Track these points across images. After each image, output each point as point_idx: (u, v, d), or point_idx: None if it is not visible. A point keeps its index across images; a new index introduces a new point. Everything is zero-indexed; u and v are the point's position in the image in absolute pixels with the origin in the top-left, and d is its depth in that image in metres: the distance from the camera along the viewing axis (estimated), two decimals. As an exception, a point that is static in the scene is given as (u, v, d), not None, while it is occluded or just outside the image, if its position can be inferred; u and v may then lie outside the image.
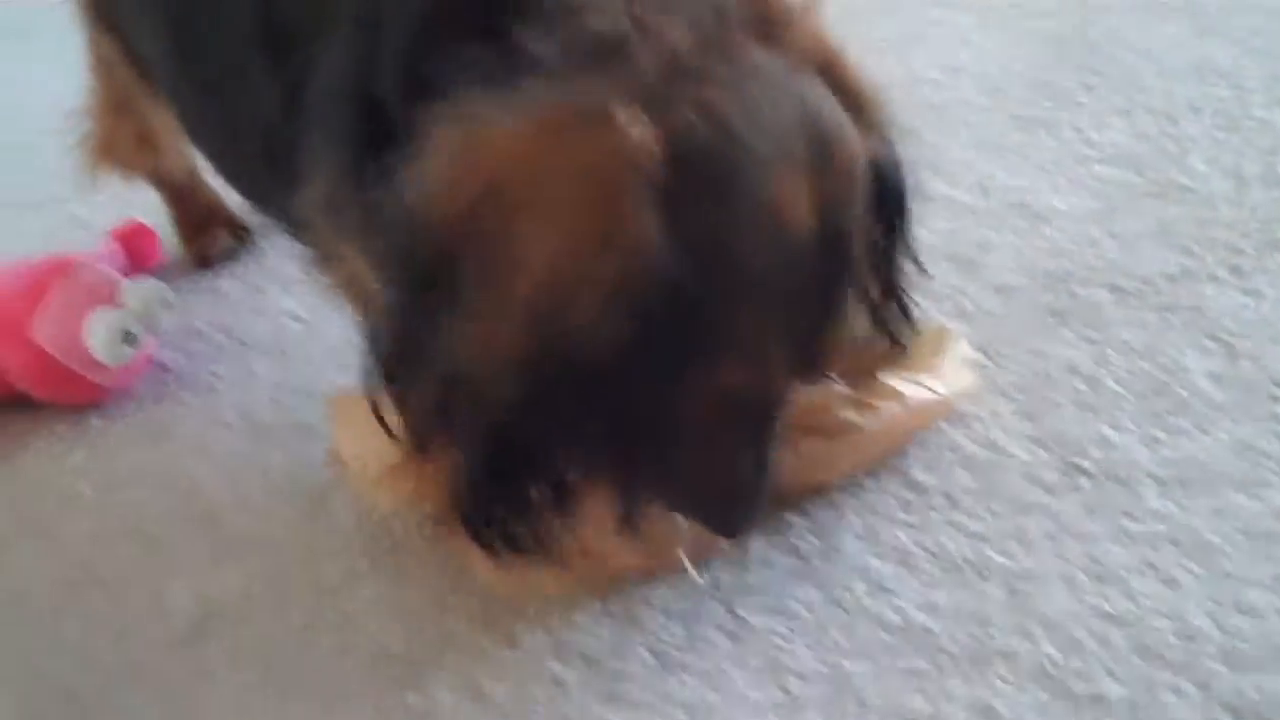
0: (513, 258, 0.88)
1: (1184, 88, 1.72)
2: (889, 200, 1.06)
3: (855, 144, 0.97)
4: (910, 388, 1.21)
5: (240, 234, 1.79)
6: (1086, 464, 1.21)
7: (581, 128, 0.87)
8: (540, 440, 0.96)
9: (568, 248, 0.87)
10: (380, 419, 1.04)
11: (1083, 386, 1.29)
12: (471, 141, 0.90)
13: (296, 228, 1.17)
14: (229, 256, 1.76)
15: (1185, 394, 1.26)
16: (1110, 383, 1.29)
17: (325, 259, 1.18)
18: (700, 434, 1.00)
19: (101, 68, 1.64)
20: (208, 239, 1.77)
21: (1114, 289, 1.41)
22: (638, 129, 0.86)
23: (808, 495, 1.21)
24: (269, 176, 1.20)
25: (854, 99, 1.00)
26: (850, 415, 1.19)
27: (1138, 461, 1.20)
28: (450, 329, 0.92)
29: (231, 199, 1.80)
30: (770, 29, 0.96)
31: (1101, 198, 1.55)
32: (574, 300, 0.87)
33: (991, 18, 1.95)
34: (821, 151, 0.93)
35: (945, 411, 1.26)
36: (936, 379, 1.24)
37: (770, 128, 0.91)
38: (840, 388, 1.19)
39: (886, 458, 1.24)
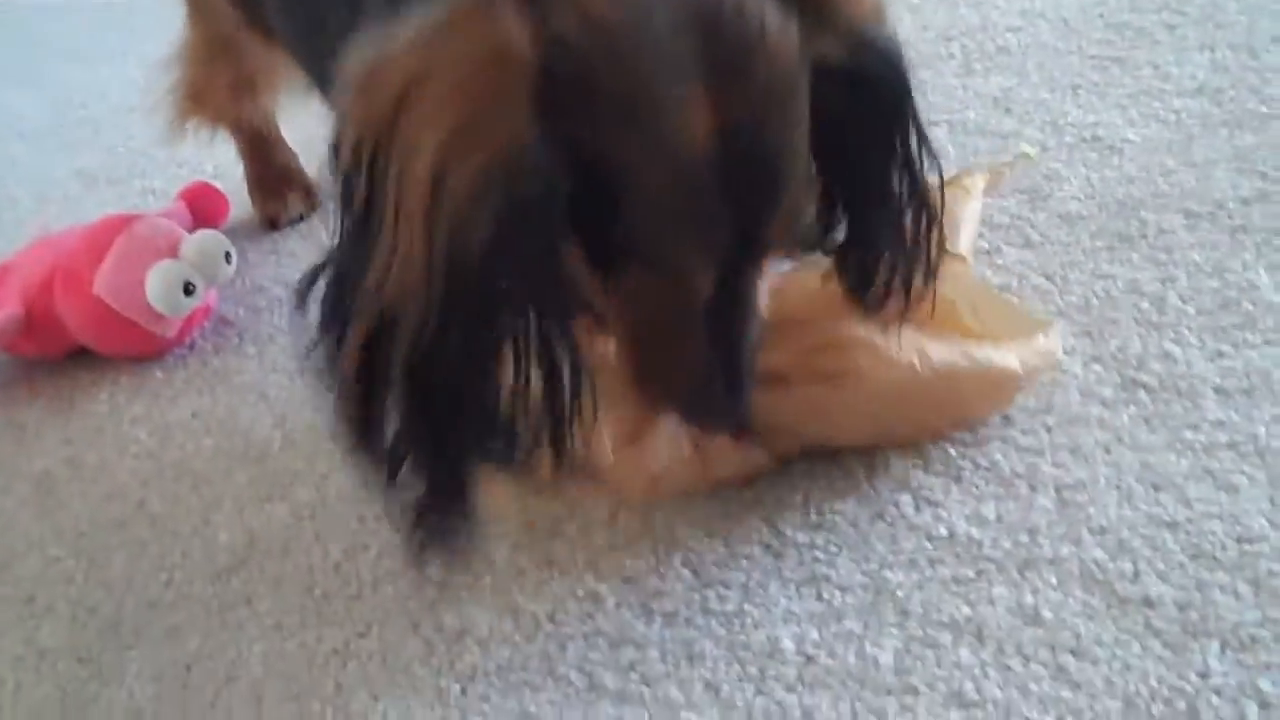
0: (406, 156, 0.86)
1: (1267, 21, 1.66)
2: (866, 106, 0.98)
3: (778, 46, 0.89)
4: (942, 348, 1.12)
5: (312, 199, 1.79)
6: (1146, 378, 1.17)
7: (462, 27, 0.85)
8: (462, 369, 0.91)
9: (442, 138, 0.85)
10: None
11: (1146, 305, 1.25)
12: (370, 61, 0.88)
13: None
14: (298, 220, 1.76)
15: (1254, 309, 1.21)
16: (1175, 301, 1.24)
17: None
18: (647, 332, 0.98)
19: (199, 15, 1.65)
20: (280, 202, 1.78)
21: (1186, 214, 1.36)
22: (513, 27, 0.84)
23: (819, 449, 1.15)
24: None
25: None
26: (860, 360, 1.10)
27: (1200, 374, 1.16)
28: (371, 251, 0.89)
29: (309, 164, 1.81)
30: None
31: (1177, 128, 1.50)
32: (449, 193, 0.85)
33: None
34: (724, 57, 0.87)
35: (989, 395, 1.15)
36: (991, 351, 1.13)
37: (663, 25, 0.86)
38: (860, 332, 1.11)
39: (913, 433, 1.15)
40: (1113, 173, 1.45)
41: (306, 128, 1.74)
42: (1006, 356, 1.13)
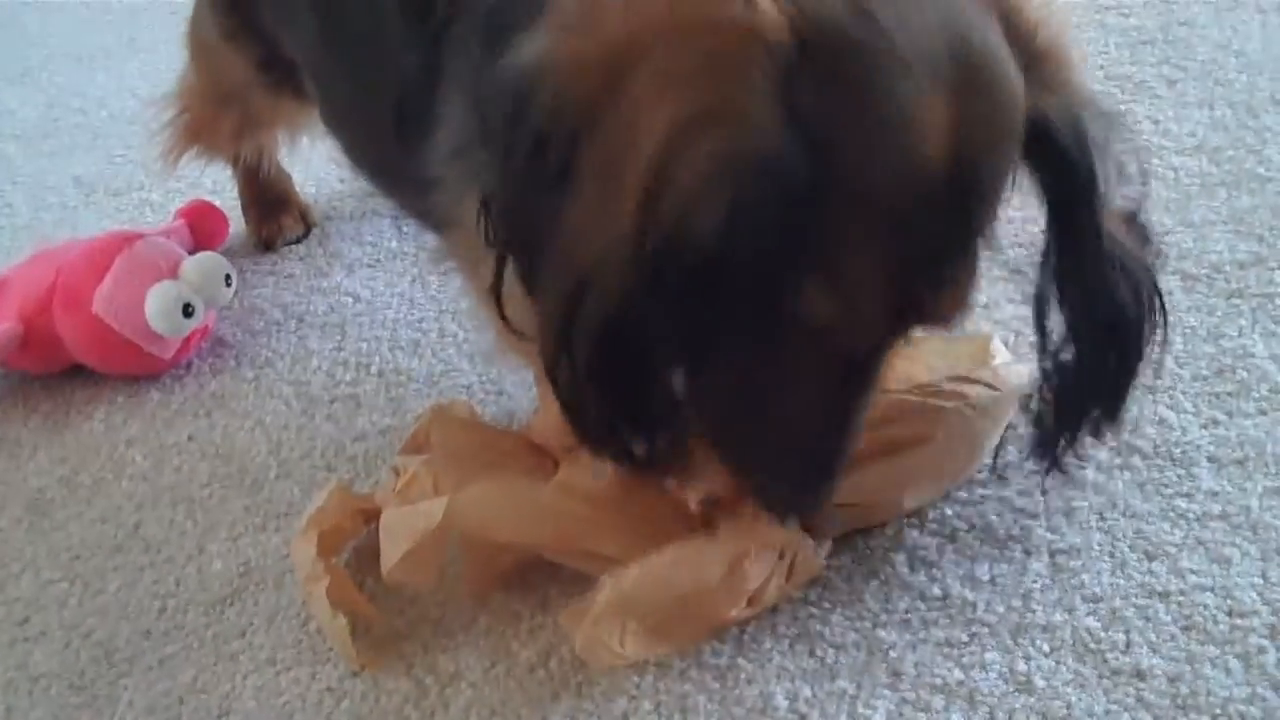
0: (626, 124, 0.82)
1: (1266, 81, 1.68)
2: (1061, 169, 0.94)
3: (1013, 85, 0.87)
4: (970, 388, 1.14)
5: (308, 222, 1.79)
6: (1141, 443, 1.18)
7: None
8: (650, 339, 0.88)
9: (677, 117, 0.81)
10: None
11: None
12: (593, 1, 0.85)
13: (422, 194, 1.12)
14: (293, 242, 1.77)
15: (1248, 377, 1.23)
16: (1171, 365, 1.25)
17: (446, 224, 1.14)
18: (780, 372, 0.93)
19: (204, 64, 1.65)
20: (275, 224, 1.78)
21: (1183, 275, 1.37)
22: (767, 6, 0.81)
23: (885, 518, 1.15)
24: (399, 146, 1.15)
25: (1029, 48, 0.90)
26: (924, 425, 1.11)
27: (1194, 442, 1.17)
28: (566, 206, 0.86)
29: (303, 188, 1.82)
30: None
31: (1175, 187, 1.51)
32: (678, 175, 0.81)
33: (1071, 14, 1.91)
34: (971, 78, 0.84)
35: (1007, 411, 1.17)
36: (993, 377, 1.16)
37: (919, 34, 0.83)
38: (912, 397, 1.13)
39: (961, 473, 1.17)
40: (1111, 230, 1.46)
41: (301, 149, 1.76)
42: (1012, 370, 1.17)
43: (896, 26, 0.83)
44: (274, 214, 1.78)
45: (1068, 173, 0.94)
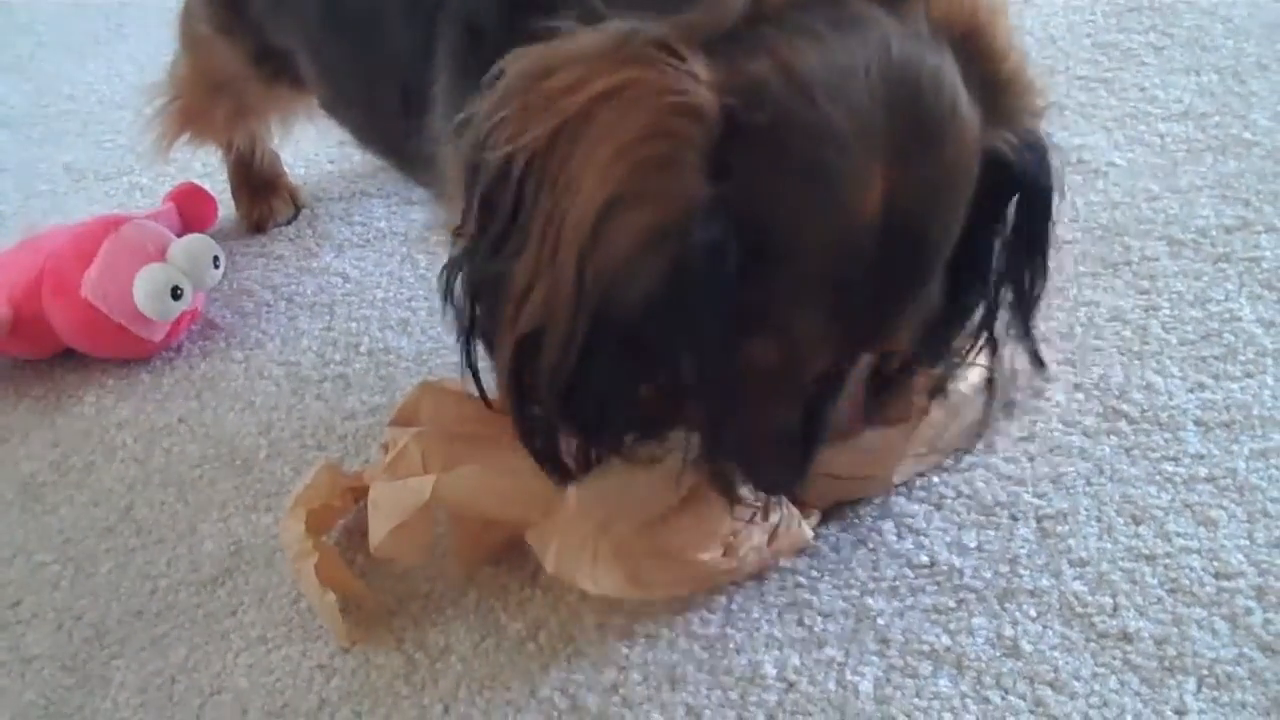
0: (565, 190, 0.84)
1: (1252, 46, 1.68)
2: (1023, 201, 0.95)
3: (964, 132, 0.86)
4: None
5: (297, 204, 1.79)
6: (1128, 408, 1.18)
7: (643, 65, 0.82)
8: (600, 388, 0.91)
9: (607, 190, 0.82)
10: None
11: (1129, 334, 1.26)
12: (537, 67, 0.85)
13: (423, 169, 1.15)
14: (283, 224, 1.77)
15: (1235, 340, 1.23)
16: (1158, 330, 1.26)
17: (439, 198, 1.16)
18: (740, 400, 0.94)
19: (196, 54, 1.65)
20: (265, 206, 1.78)
21: (1169, 241, 1.37)
22: (700, 75, 0.81)
23: (873, 491, 1.16)
24: (404, 124, 1.16)
25: (992, 78, 0.89)
26: (919, 398, 1.11)
27: (1181, 406, 1.17)
28: (518, 260, 0.87)
29: (293, 169, 1.82)
30: None
31: (1162, 153, 1.51)
32: (609, 246, 0.83)
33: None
34: (915, 137, 0.84)
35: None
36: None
37: (858, 98, 0.82)
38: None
39: (951, 445, 1.16)
40: (1098, 197, 1.46)
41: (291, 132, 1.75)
42: None
43: (831, 94, 0.82)
44: (264, 196, 1.78)
45: (1024, 199, 0.95)
